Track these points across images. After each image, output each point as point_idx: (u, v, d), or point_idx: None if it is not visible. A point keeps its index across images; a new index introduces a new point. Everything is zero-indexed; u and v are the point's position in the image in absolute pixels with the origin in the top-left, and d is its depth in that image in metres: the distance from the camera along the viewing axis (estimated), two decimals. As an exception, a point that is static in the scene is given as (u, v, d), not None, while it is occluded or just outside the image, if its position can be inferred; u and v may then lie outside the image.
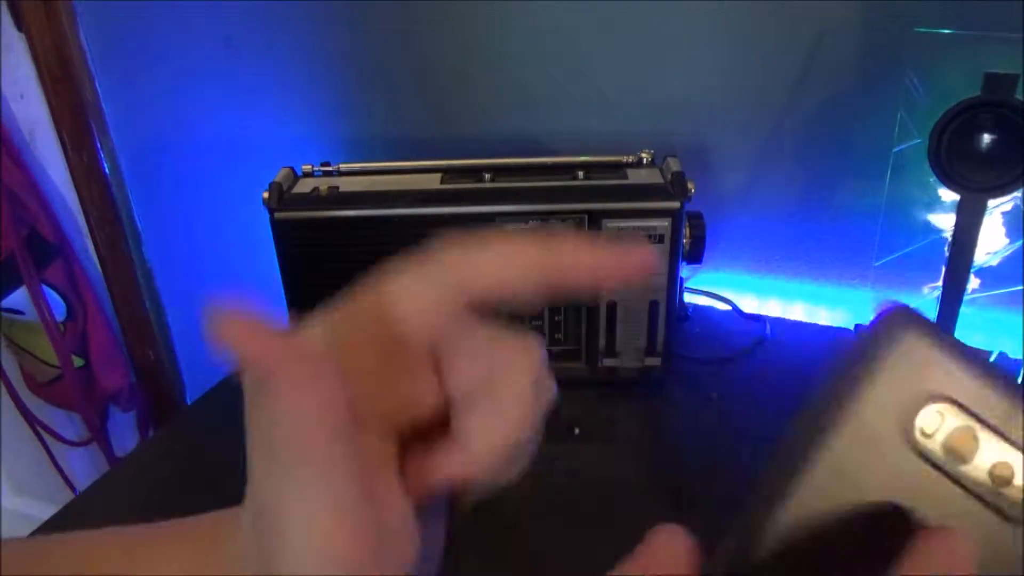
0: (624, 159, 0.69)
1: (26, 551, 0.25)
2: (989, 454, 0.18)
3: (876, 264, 0.72)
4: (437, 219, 0.63)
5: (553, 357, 0.68)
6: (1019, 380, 0.18)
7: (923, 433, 0.18)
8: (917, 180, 0.67)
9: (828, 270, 0.81)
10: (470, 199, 0.63)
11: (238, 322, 0.18)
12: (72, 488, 1.08)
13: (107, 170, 0.97)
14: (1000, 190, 0.58)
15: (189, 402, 1.13)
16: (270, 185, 0.64)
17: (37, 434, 1.02)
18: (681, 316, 0.78)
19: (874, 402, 0.18)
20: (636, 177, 0.66)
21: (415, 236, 0.73)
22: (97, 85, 0.94)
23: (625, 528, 0.23)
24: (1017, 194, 0.62)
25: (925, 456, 0.18)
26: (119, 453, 1.08)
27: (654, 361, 0.66)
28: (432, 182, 0.67)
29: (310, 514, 0.18)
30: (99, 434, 1.04)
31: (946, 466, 0.18)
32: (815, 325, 0.80)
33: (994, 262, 0.67)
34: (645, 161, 0.69)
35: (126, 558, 0.23)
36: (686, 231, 0.64)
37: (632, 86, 0.80)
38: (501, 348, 0.22)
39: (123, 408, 1.08)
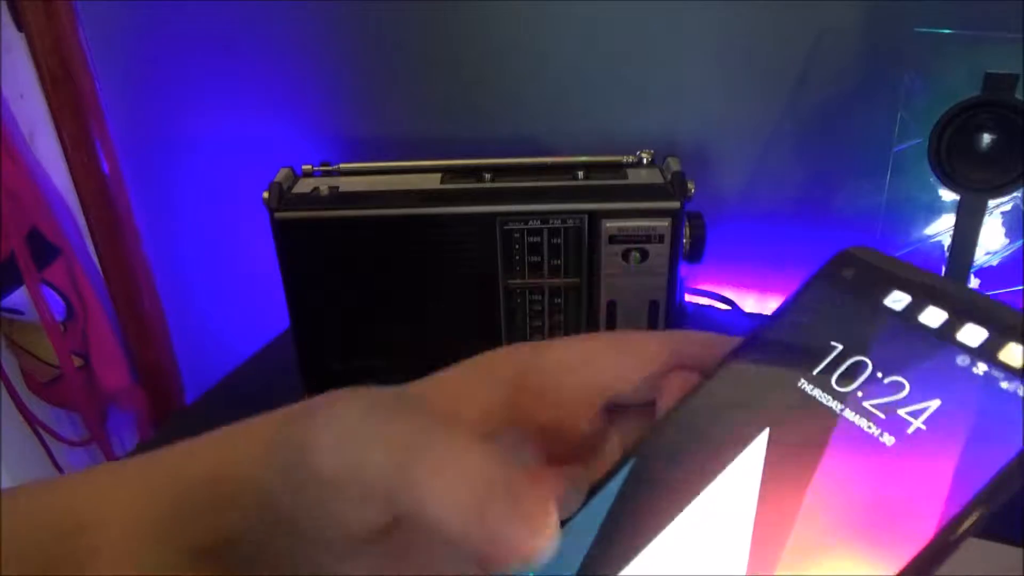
0: (624, 159, 0.69)
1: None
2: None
3: (876, 264, 0.72)
4: (437, 219, 0.63)
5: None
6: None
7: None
8: (917, 180, 0.67)
9: (828, 270, 0.81)
10: (470, 199, 0.63)
11: None
12: (72, 488, 1.08)
13: (107, 170, 0.97)
14: (1000, 190, 0.58)
15: (189, 402, 1.13)
16: (270, 185, 0.64)
17: (37, 434, 1.02)
18: (681, 316, 0.78)
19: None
20: (636, 177, 0.66)
21: (415, 236, 0.73)
22: (97, 85, 0.94)
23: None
24: (1017, 194, 0.62)
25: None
26: (119, 453, 1.08)
27: (654, 361, 0.66)
28: (432, 182, 0.67)
29: None
30: (99, 434, 1.04)
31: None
32: (815, 325, 0.80)
33: (994, 262, 0.67)
34: (645, 161, 0.69)
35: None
36: (686, 231, 0.64)
37: (633, 86, 0.80)
38: None
39: (123, 408, 1.07)
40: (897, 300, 0.21)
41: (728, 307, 0.82)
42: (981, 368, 0.18)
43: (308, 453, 0.20)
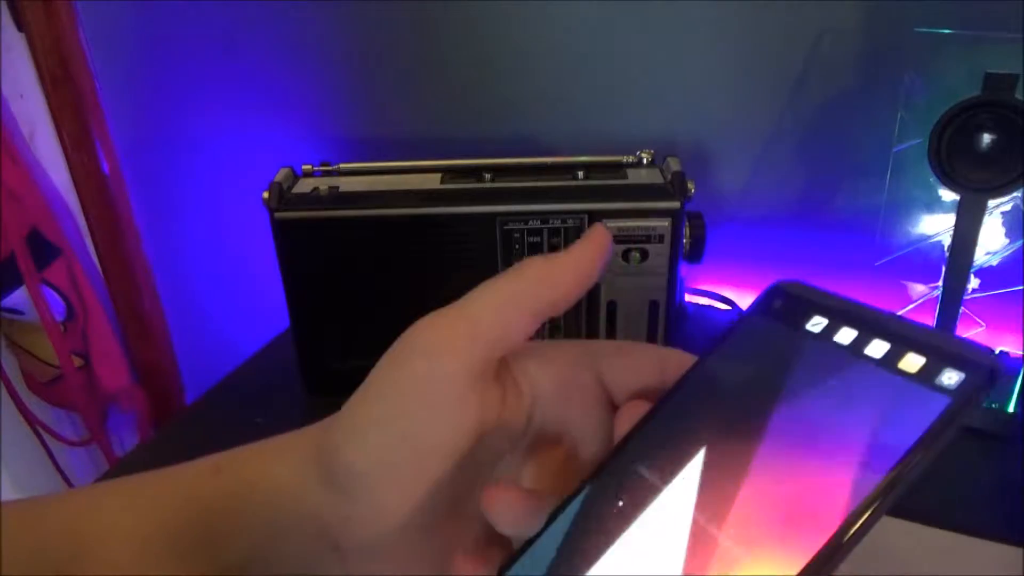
0: (624, 159, 0.69)
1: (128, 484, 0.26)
2: None
3: (876, 264, 0.72)
4: (437, 219, 0.63)
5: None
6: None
7: None
8: (917, 180, 0.67)
9: (828, 270, 0.81)
10: (470, 199, 0.63)
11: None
12: (72, 488, 1.08)
13: (107, 170, 0.97)
14: (1000, 190, 0.58)
15: (189, 402, 1.13)
16: (270, 185, 0.64)
17: (37, 434, 1.02)
18: (681, 316, 0.78)
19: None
20: (636, 177, 0.66)
21: (415, 236, 0.73)
22: (97, 85, 0.94)
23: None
24: (1017, 194, 0.62)
25: None
26: (119, 453, 1.08)
27: (654, 361, 0.66)
28: (432, 182, 0.67)
29: None
30: (99, 434, 1.04)
31: None
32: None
33: (994, 262, 0.67)
34: (645, 161, 0.69)
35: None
36: (686, 231, 0.64)
37: (632, 86, 0.80)
38: None
39: (123, 408, 1.07)
40: (816, 323, 0.24)
41: (728, 307, 0.82)
42: (885, 376, 0.21)
43: (341, 453, 0.22)
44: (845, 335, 0.23)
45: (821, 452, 0.21)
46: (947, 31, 0.63)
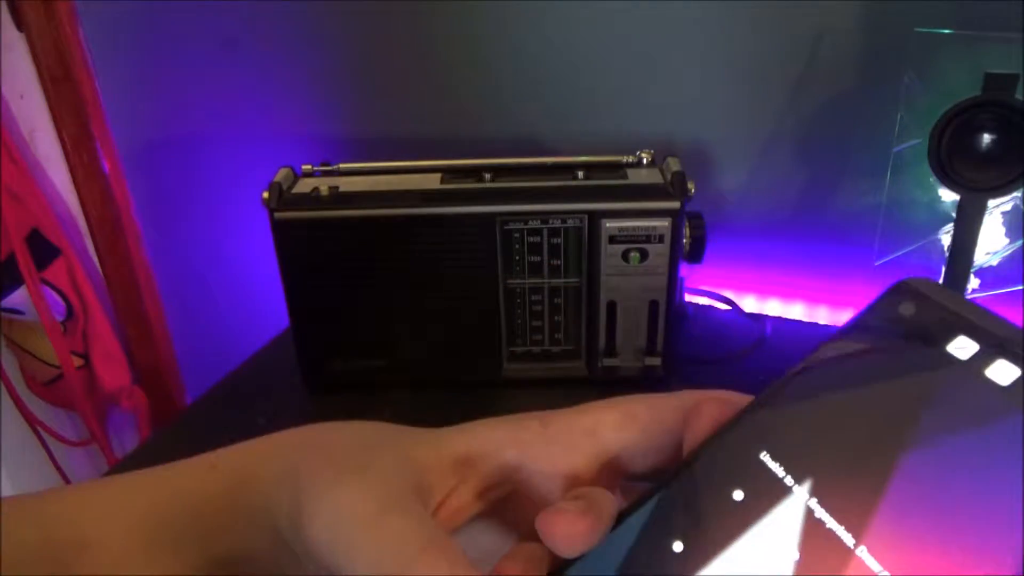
0: (624, 159, 0.69)
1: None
2: None
3: (876, 264, 0.72)
4: (437, 219, 0.63)
5: (553, 357, 0.68)
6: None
7: None
8: (917, 180, 0.67)
9: (828, 270, 0.81)
10: (470, 199, 0.63)
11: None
12: (72, 488, 1.08)
13: (107, 170, 0.97)
14: (1000, 190, 0.58)
15: (189, 402, 1.13)
16: (270, 185, 0.64)
17: (37, 434, 1.02)
18: (681, 316, 0.78)
19: None
20: (636, 177, 0.66)
21: (415, 236, 0.73)
22: (97, 85, 0.94)
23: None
24: (1017, 194, 0.62)
25: None
26: (119, 453, 1.08)
27: (654, 361, 0.66)
28: (432, 182, 0.67)
29: None
30: (99, 434, 1.04)
31: None
32: (815, 325, 0.80)
33: (994, 262, 0.67)
34: (645, 161, 0.69)
35: None
36: (686, 231, 0.64)
37: (632, 86, 0.80)
38: None
39: (123, 408, 1.07)
40: (961, 347, 0.18)
41: (728, 307, 0.82)
42: None
43: (303, 530, 0.22)
44: (1002, 372, 0.17)
45: (966, 517, 0.16)
46: (947, 31, 0.63)
